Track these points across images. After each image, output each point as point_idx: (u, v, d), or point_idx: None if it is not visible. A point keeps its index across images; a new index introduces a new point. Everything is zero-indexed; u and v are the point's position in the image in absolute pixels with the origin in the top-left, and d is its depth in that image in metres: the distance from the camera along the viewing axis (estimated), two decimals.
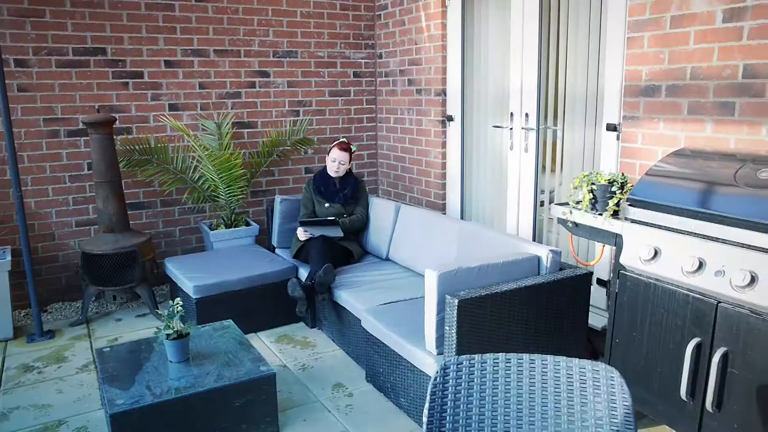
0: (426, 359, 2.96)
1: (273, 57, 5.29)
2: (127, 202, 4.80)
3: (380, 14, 5.60)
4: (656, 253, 2.56)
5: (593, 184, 2.94)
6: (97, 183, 4.41)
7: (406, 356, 3.11)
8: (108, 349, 3.28)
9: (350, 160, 4.50)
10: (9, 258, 4.19)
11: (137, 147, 4.80)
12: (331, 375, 3.66)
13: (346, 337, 3.89)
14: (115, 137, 4.57)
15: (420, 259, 4.10)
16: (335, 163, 4.45)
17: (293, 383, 3.56)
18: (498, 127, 4.51)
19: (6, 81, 4.21)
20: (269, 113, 5.36)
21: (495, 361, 1.81)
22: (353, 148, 4.56)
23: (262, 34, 5.22)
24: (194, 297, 4.01)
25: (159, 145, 4.85)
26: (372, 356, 3.45)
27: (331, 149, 4.48)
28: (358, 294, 3.78)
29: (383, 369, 3.36)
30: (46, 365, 3.87)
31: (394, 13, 5.40)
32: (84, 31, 4.60)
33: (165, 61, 4.89)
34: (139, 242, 4.41)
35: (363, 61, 5.69)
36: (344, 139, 4.60)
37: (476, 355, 1.82)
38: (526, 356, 1.81)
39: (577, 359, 1.77)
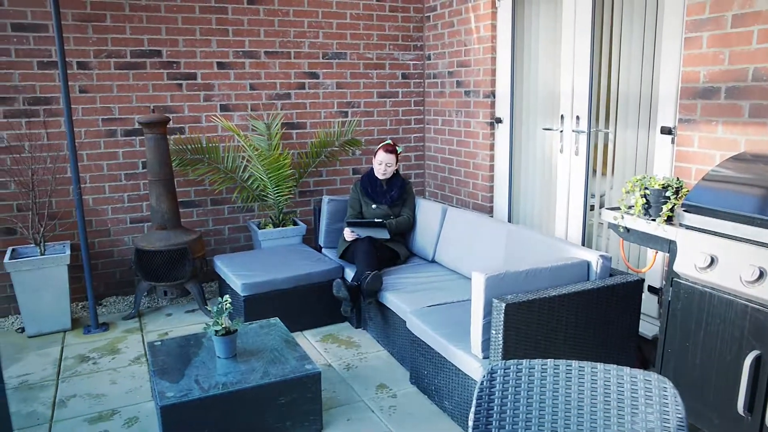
0: (471, 363, 2.93)
1: (322, 58, 5.34)
2: (179, 200, 4.92)
3: (429, 16, 5.59)
4: (712, 260, 2.48)
5: (646, 188, 2.87)
6: (151, 181, 4.53)
7: (450, 359, 3.09)
8: (159, 343, 3.36)
9: (397, 162, 4.51)
10: (68, 252, 4.34)
11: (189, 146, 4.91)
12: (375, 375, 3.67)
13: (391, 338, 3.90)
14: (168, 137, 4.68)
15: (466, 261, 4.07)
16: (382, 165, 4.46)
17: (337, 382, 3.58)
18: (548, 129, 4.44)
19: (69, 83, 4.38)
20: (318, 114, 5.41)
21: (543, 367, 1.78)
22: (399, 150, 4.56)
23: (312, 35, 5.28)
24: (242, 294, 4.08)
25: (210, 145, 4.96)
26: (416, 358, 3.45)
27: (377, 152, 4.50)
28: (403, 295, 3.78)
29: (427, 371, 3.35)
30: (101, 356, 3.99)
31: (443, 15, 5.39)
32: (141, 34, 4.74)
33: (217, 62, 4.99)
34: (189, 240, 4.51)
35: (411, 62, 5.69)
36: (390, 141, 4.61)
37: (524, 361, 1.80)
38: (575, 363, 1.78)
39: (628, 368, 1.73)
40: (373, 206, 4.49)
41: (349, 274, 4.26)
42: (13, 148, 4.44)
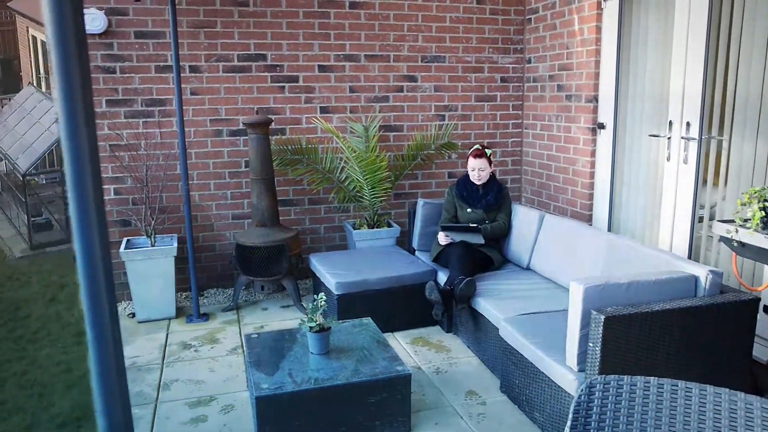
0: (566, 375, 2.84)
1: (421, 62, 5.36)
2: (278, 198, 5.09)
3: (530, 18, 5.48)
4: None
5: (766, 200, 2.67)
6: (253, 180, 4.71)
7: (544, 370, 3.01)
8: (255, 335, 3.49)
9: (490, 165, 4.45)
10: (176, 245, 4.59)
11: (290, 147, 5.06)
12: (464, 381, 3.64)
13: (482, 344, 3.85)
14: (270, 137, 4.85)
15: (563, 270, 3.95)
16: (474, 171, 4.42)
17: (427, 386, 3.58)
18: (655, 136, 4.23)
19: (182, 85, 4.63)
20: (415, 117, 5.43)
21: (646, 384, 1.70)
22: (488, 152, 4.49)
23: (411, 39, 5.31)
24: (336, 293, 4.15)
25: (309, 146, 5.09)
26: (508, 366, 3.38)
27: (467, 159, 4.47)
28: (496, 302, 3.72)
29: (519, 381, 3.28)
30: (202, 345, 4.19)
31: (545, 17, 5.27)
32: (248, 39, 4.94)
33: (319, 65, 5.12)
34: (287, 237, 4.65)
35: (511, 65, 5.60)
36: (478, 146, 4.55)
37: (625, 377, 1.72)
38: (681, 383, 1.68)
39: (742, 393, 1.62)
40: (468, 210, 4.46)
41: (442, 277, 4.25)
42: (131, 146, 4.75)
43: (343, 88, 5.20)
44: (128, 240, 4.71)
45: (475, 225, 4.28)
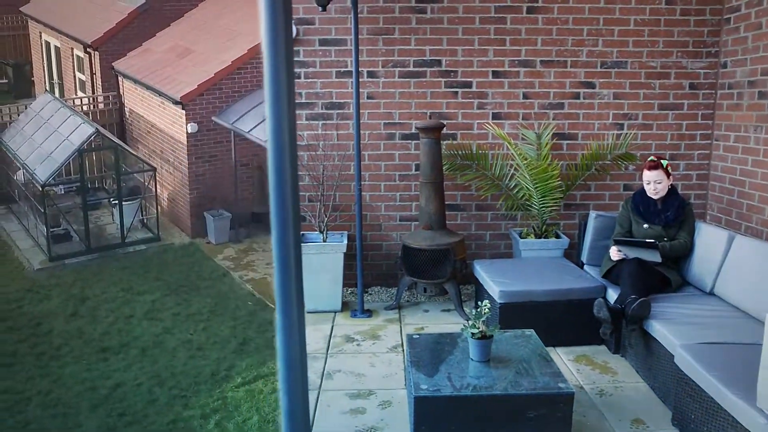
0: (755, 418, 2.56)
1: (600, 67, 5.12)
2: (446, 203, 5.13)
3: (729, 18, 5.00)
4: None
5: None
6: (422, 183, 4.80)
7: (727, 407, 2.73)
8: (417, 336, 3.55)
9: (668, 177, 4.13)
10: (345, 242, 4.82)
11: (460, 152, 5.09)
12: (631, 408, 3.42)
13: (653, 370, 3.58)
14: (441, 142, 4.91)
15: (755, 299, 3.56)
16: (650, 184, 4.13)
17: (588, 407, 3.41)
18: None
19: (360, 90, 4.85)
20: (591, 125, 5.20)
21: None
22: (665, 163, 4.16)
23: (590, 43, 5.09)
24: (499, 301, 4.10)
25: (480, 152, 5.08)
26: (682, 398, 3.12)
27: (642, 171, 4.18)
28: (673, 327, 3.45)
29: (695, 415, 3.00)
30: (364, 339, 4.35)
31: (747, 15, 4.77)
32: (424, 45, 5.04)
33: (493, 71, 5.09)
34: (453, 241, 4.68)
35: (702, 71, 5.16)
36: (653, 158, 4.23)
37: None
38: None
39: None
40: (645, 226, 4.17)
41: (612, 295, 4.02)
42: (310, 147, 5.06)
43: (516, 94, 5.12)
44: (303, 234, 5.02)
45: (652, 241, 3.99)
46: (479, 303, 3.22)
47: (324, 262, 4.75)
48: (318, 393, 3.60)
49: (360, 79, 4.97)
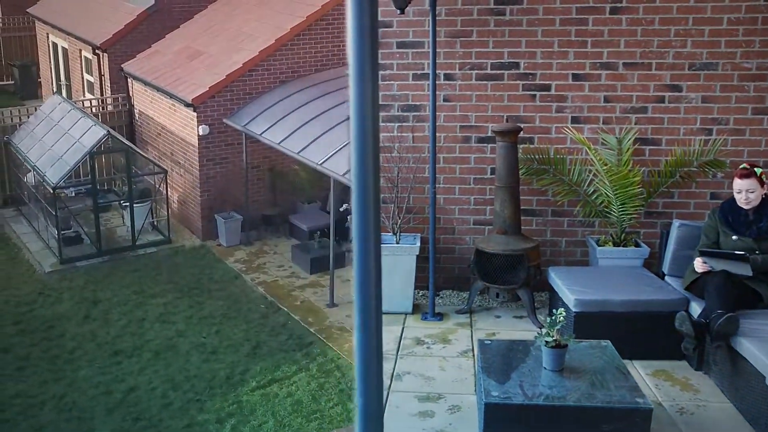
0: None
1: (688, 69, 4.90)
2: (521, 207, 5.05)
3: None
4: None
5: None
6: (497, 187, 4.75)
7: None
8: (488, 342, 3.52)
9: (762, 186, 3.91)
10: (418, 244, 4.83)
11: (537, 156, 5.00)
12: (714, 429, 3.27)
13: (741, 391, 3.40)
14: (518, 146, 4.84)
15: None
16: (741, 193, 3.93)
17: (667, 425, 3.28)
18: None
19: (436, 92, 4.85)
20: (676, 130, 4.99)
21: None
22: (758, 171, 3.93)
23: (678, 44, 4.89)
24: (574, 310, 4.01)
25: (557, 156, 4.97)
26: None
27: (733, 179, 3.98)
28: (765, 346, 3.26)
29: None
30: (434, 343, 4.34)
31: None
32: (502, 48, 4.98)
33: (572, 74, 4.97)
34: (527, 247, 4.60)
35: None
36: (745, 165, 4.01)
37: None
38: None
39: None
40: (734, 237, 3.97)
41: (696, 309, 3.85)
42: (384, 148, 5.10)
43: (597, 97, 4.98)
44: None
45: (742, 253, 3.79)
46: (554, 311, 3.16)
47: (396, 263, 4.78)
48: (387, 394, 3.62)
49: (437, 82, 4.97)
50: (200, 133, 9.61)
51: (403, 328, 4.60)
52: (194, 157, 9.88)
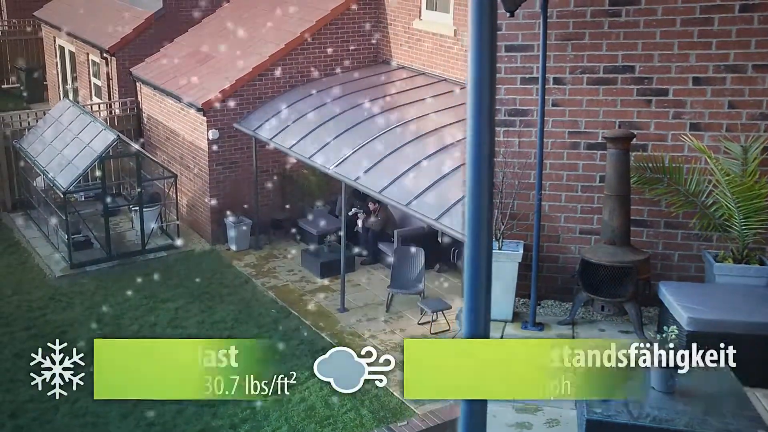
0: None
1: None
2: (631, 218, 4.83)
3: None
4: None
5: None
6: (606, 196, 4.58)
7: None
8: None
9: None
10: (521, 251, 4.74)
11: (650, 165, 4.78)
12: None
13: None
14: (630, 153, 4.64)
15: None
16: None
17: None
18: None
19: (545, 97, 4.73)
20: None
21: None
22: None
23: None
24: (686, 328, 3.80)
25: (673, 165, 4.73)
26: None
27: None
28: None
29: None
30: None
31: None
32: (616, 51, 4.79)
33: (693, 78, 4.71)
34: (636, 259, 4.41)
35: None
36: None
37: None
38: None
39: None
40: None
41: None
42: None
43: (720, 103, 4.68)
44: None
45: None
46: (664, 328, 3.00)
47: (497, 269, 4.69)
48: None
49: (545, 86, 4.85)
50: (210, 138, 9.65)
51: (502, 336, 4.53)
52: (204, 162, 9.92)
